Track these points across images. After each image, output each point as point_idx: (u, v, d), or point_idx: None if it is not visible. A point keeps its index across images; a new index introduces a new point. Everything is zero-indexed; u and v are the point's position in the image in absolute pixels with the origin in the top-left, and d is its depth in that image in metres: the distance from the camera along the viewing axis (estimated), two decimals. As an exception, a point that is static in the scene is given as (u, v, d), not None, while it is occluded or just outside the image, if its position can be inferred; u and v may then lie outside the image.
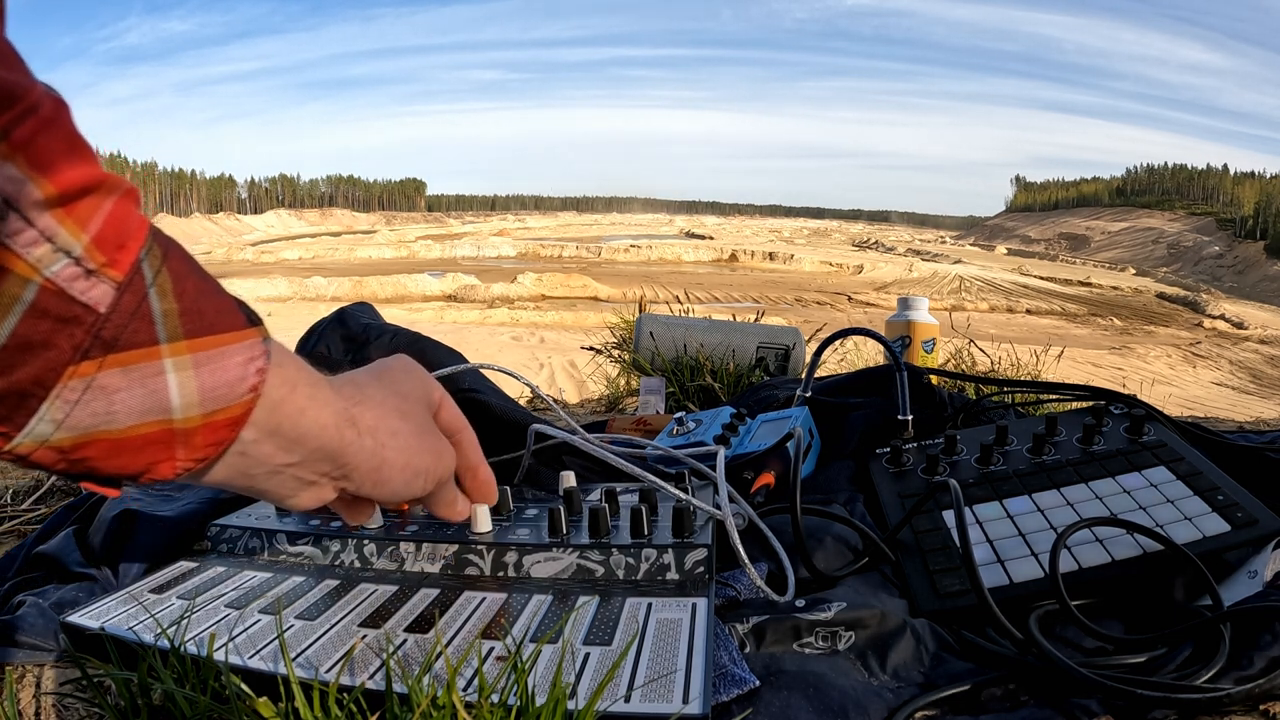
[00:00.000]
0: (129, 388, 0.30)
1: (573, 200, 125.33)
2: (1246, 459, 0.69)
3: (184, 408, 0.31)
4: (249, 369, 0.33)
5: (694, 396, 1.36)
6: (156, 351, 0.30)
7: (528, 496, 0.68)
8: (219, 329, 0.32)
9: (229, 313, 0.33)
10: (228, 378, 0.32)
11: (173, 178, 73.10)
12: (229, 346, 0.32)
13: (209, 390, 0.31)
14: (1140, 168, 78.50)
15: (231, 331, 0.32)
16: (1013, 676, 0.45)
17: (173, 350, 0.30)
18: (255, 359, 0.33)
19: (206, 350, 0.31)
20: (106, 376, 0.29)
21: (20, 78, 0.26)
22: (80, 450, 0.30)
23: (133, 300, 0.29)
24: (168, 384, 0.30)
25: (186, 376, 0.31)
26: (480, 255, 35.71)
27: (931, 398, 0.88)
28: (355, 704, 0.38)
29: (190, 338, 0.31)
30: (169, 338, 0.30)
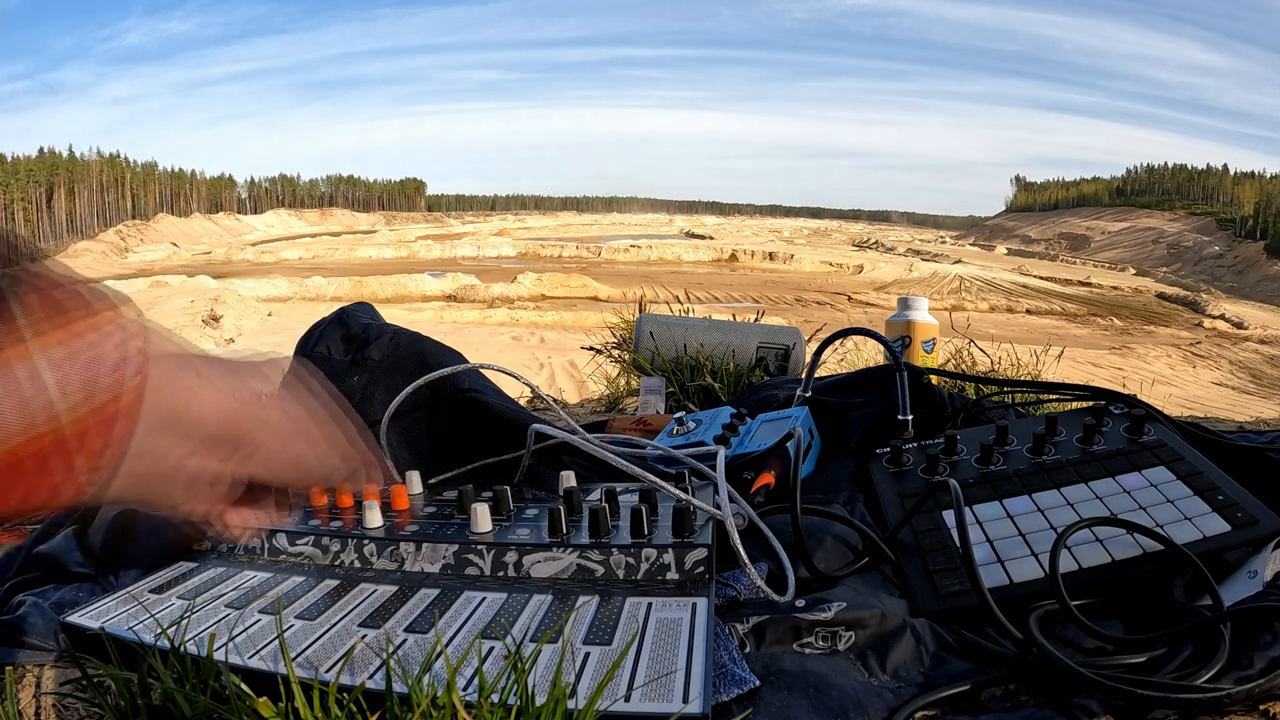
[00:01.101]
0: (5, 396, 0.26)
1: (573, 200, 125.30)
2: (1246, 459, 0.69)
3: (69, 406, 0.27)
4: (128, 348, 0.29)
5: (694, 396, 1.36)
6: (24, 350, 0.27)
7: (528, 496, 0.68)
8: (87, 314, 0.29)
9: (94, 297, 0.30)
10: (109, 363, 0.29)
11: (173, 178, 73.08)
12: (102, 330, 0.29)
13: (91, 380, 0.28)
14: (1140, 168, 78.51)
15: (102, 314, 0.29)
16: (1013, 676, 0.45)
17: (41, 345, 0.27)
18: (133, 338, 0.30)
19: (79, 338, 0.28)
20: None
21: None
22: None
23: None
24: (45, 384, 0.27)
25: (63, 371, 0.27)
26: (480, 255, 35.71)
27: (931, 398, 0.88)
28: (355, 704, 0.38)
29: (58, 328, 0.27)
30: (35, 332, 0.27)
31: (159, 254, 39.87)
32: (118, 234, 54.11)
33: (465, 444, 0.78)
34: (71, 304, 0.28)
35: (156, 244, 48.75)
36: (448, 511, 0.62)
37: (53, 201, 60.14)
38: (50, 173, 60.65)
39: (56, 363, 0.27)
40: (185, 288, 18.26)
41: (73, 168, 62.69)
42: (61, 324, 0.28)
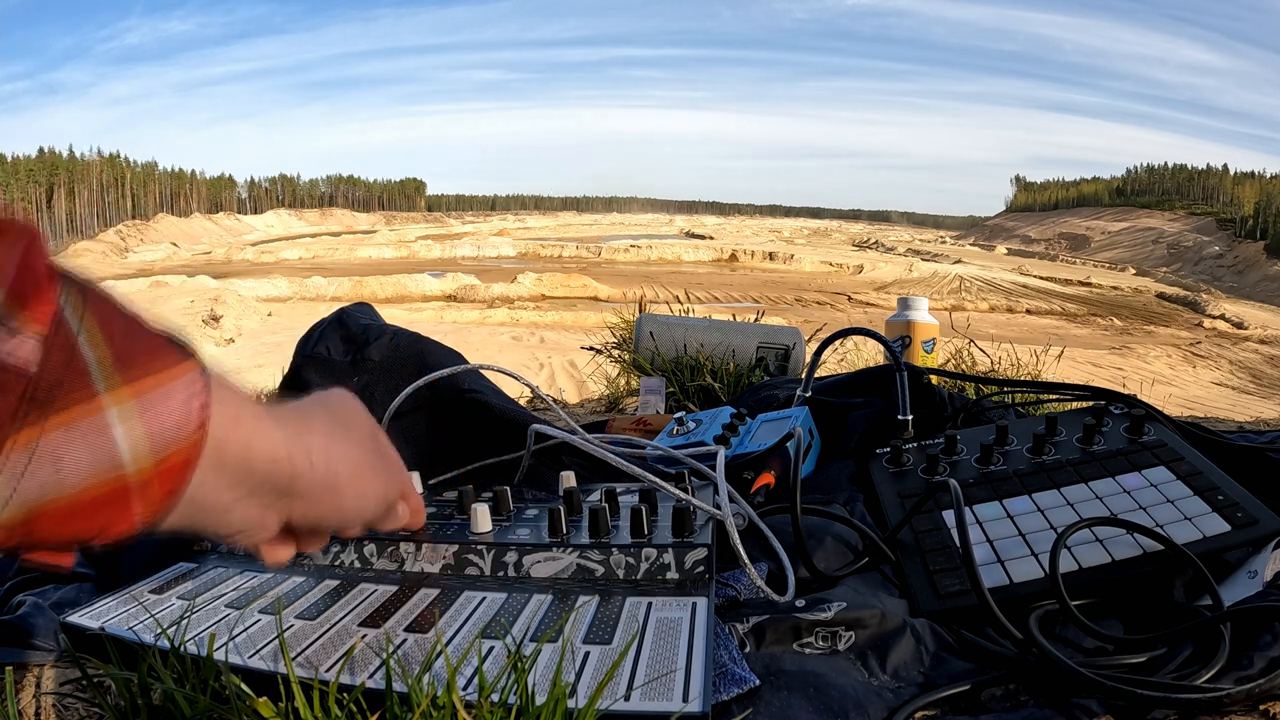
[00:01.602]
0: (74, 448, 0.27)
1: (573, 200, 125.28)
2: (1246, 459, 0.69)
3: (135, 459, 0.28)
4: (192, 405, 0.30)
5: (694, 396, 1.36)
6: (98, 404, 0.27)
7: (528, 496, 0.68)
8: (156, 368, 0.30)
9: (162, 349, 0.31)
10: (175, 419, 0.30)
11: (173, 178, 73.09)
12: (169, 385, 0.30)
13: (158, 435, 0.29)
14: (1140, 168, 78.50)
15: (169, 369, 0.30)
16: (1013, 676, 0.45)
17: (115, 399, 0.28)
18: (197, 394, 0.31)
19: (148, 393, 0.29)
20: (50, 440, 0.27)
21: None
22: (30, 525, 0.28)
23: (63, 352, 0.27)
24: (114, 436, 0.28)
25: (133, 424, 0.28)
26: (480, 255, 35.72)
27: (931, 398, 0.88)
28: (355, 704, 0.38)
29: (129, 382, 0.28)
30: (108, 386, 0.28)
31: (159, 254, 39.88)
32: (118, 234, 54.12)
33: (465, 444, 0.78)
34: (141, 354, 0.29)
35: (156, 244, 48.77)
36: (448, 511, 0.62)
37: (53, 201, 60.16)
38: (50, 173, 60.67)
39: (127, 418, 0.28)
40: (185, 288, 18.27)
41: (73, 168, 62.70)
42: (133, 377, 0.29)
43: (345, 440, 0.42)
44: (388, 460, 0.46)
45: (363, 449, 0.43)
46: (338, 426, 0.42)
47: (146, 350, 0.30)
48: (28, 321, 0.26)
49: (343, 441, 0.41)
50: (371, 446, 0.44)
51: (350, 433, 0.43)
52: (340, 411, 0.44)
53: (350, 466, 0.41)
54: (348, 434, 0.42)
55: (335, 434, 0.41)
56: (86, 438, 0.27)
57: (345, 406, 0.45)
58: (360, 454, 0.42)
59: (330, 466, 0.39)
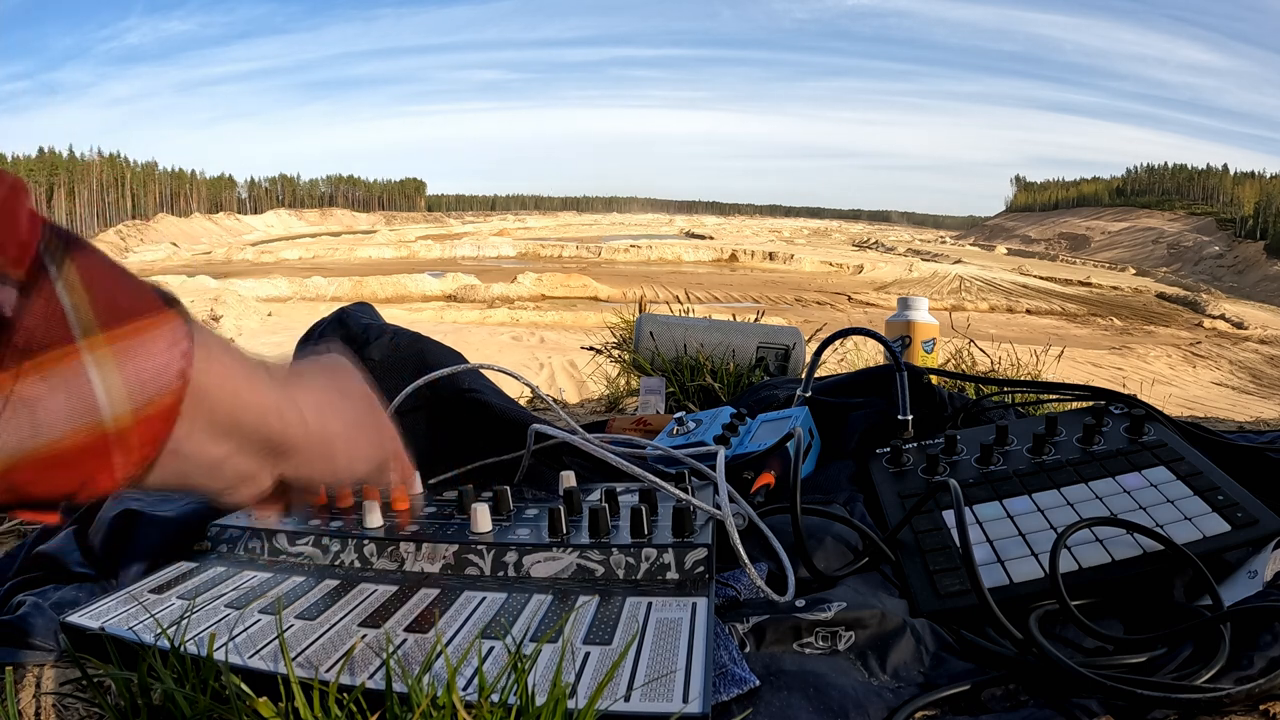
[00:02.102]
0: (52, 395, 0.27)
1: (573, 200, 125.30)
2: (1246, 459, 0.69)
3: (113, 407, 0.28)
4: (173, 353, 0.30)
5: (694, 396, 1.36)
6: (74, 350, 0.27)
7: (528, 496, 0.68)
8: (136, 317, 0.29)
9: (145, 297, 0.30)
10: (154, 366, 0.29)
11: (173, 178, 73.07)
12: (150, 333, 0.29)
13: (136, 383, 0.29)
14: (1140, 168, 78.49)
15: (151, 317, 0.30)
16: (1013, 676, 0.45)
17: (90, 345, 0.27)
18: (178, 342, 0.30)
19: (127, 340, 0.28)
20: (26, 386, 0.26)
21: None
22: (10, 476, 0.27)
23: (41, 298, 0.27)
24: (92, 383, 0.27)
25: (109, 372, 0.28)
26: (480, 255, 35.73)
27: (931, 398, 0.88)
28: (355, 704, 0.38)
29: (107, 329, 0.28)
30: (85, 333, 0.27)
31: (159, 254, 39.88)
32: (118, 234, 54.11)
33: (465, 444, 0.78)
34: (122, 303, 0.29)
35: (156, 244, 48.77)
36: (448, 511, 0.62)
37: (53, 201, 60.14)
38: (50, 173, 60.65)
39: (103, 364, 0.28)
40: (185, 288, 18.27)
41: (73, 168, 62.69)
42: (111, 324, 0.28)
43: (339, 398, 0.41)
44: (380, 420, 0.45)
45: (356, 407, 0.43)
46: (331, 384, 0.42)
47: (128, 299, 0.29)
48: (5, 266, 0.26)
49: (336, 399, 0.41)
50: (365, 406, 0.44)
51: (344, 391, 0.43)
52: (335, 371, 0.43)
53: (343, 424, 0.41)
54: (341, 392, 0.42)
55: (328, 391, 0.41)
56: (64, 386, 0.27)
57: (340, 367, 0.44)
58: (353, 412, 0.42)
59: (322, 423, 0.39)
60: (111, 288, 0.29)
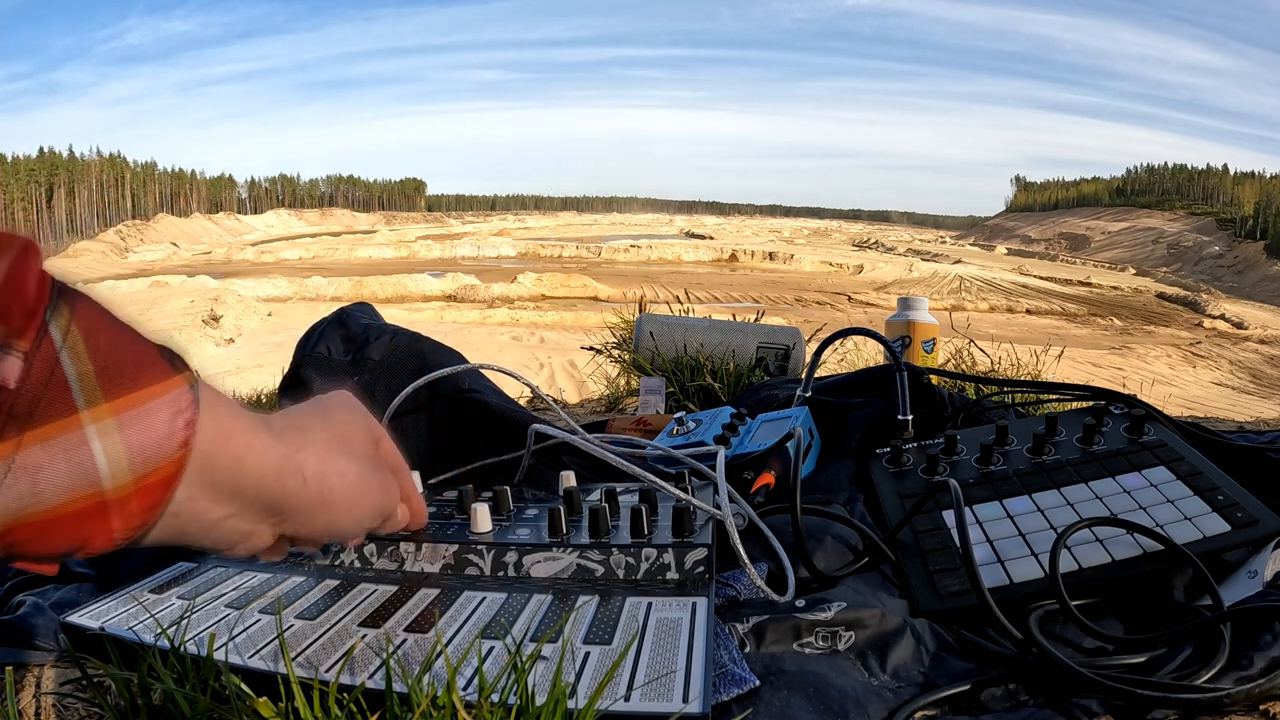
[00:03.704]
0: (52, 463, 0.27)
1: (573, 200, 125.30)
2: (1246, 459, 0.69)
3: (114, 475, 0.28)
4: (176, 423, 0.30)
5: (694, 396, 1.36)
6: (77, 420, 0.27)
7: (528, 496, 0.68)
8: (140, 383, 0.29)
9: (149, 363, 0.30)
10: (156, 435, 0.29)
11: (173, 178, 73.05)
12: (153, 402, 0.30)
13: (137, 452, 0.29)
14: (1140, 168, 78.49)
15: (155, 384, 0.30)
16: (1013, 676, 0.45)
17: (94, 415, 0.28)
18: (182, 411, 0.31)
19: (130, 410, 0.29)
20: (27, 455, 0.27)
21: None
22: (8, 535, 0.28)
23: (44, 368, 0.27)
24: (93, 453, 0.28)
25: (112, 441, 0.28)
26: (480, 255, 35.73)
27: (931, 398, 0.88)
28: (355, 704, 0.38)
29: (111, 399, 0.28)
30: (88, 402, 0.28)
31: (159, 254, 39.87)
32: (118, 234, 54.11)
33: (465, 444, 0.78)
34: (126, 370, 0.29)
35: (156, 244, 48.76)
36: (448, 511, 0.62)
37: (53, 201, 60.14)
38: (50, 173, 60.65)
39: (106, 435, 0.28)
40: (185, 288, 18.27)
41: (73, 168, 62.68)
42: (114, 393, 0.29)
43: (342, 455, 0.41)
44: (384, 473, 0.45)
45: (360, 463, 0.42)
46: (335, 438, 0.41)
47: (133, 364, 0.30)
48: (10, 337, 0.26)
49: (339, 456, 0.41)
50: (369, 459, 0.44)
51: (348, 444, 0.42)
52: (339, 421, 0.43)
53: (345, 483, 0.40)
54: (345, 446, 0.42)
55: (331, 447, 0.40)
56: (64, 453, 0.27)
57: (345, 415, 0.44)
58: (357, 469, 0.42)
59: (324, 483, 0.39)
60: (116, 353, 0.29)
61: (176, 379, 0.31)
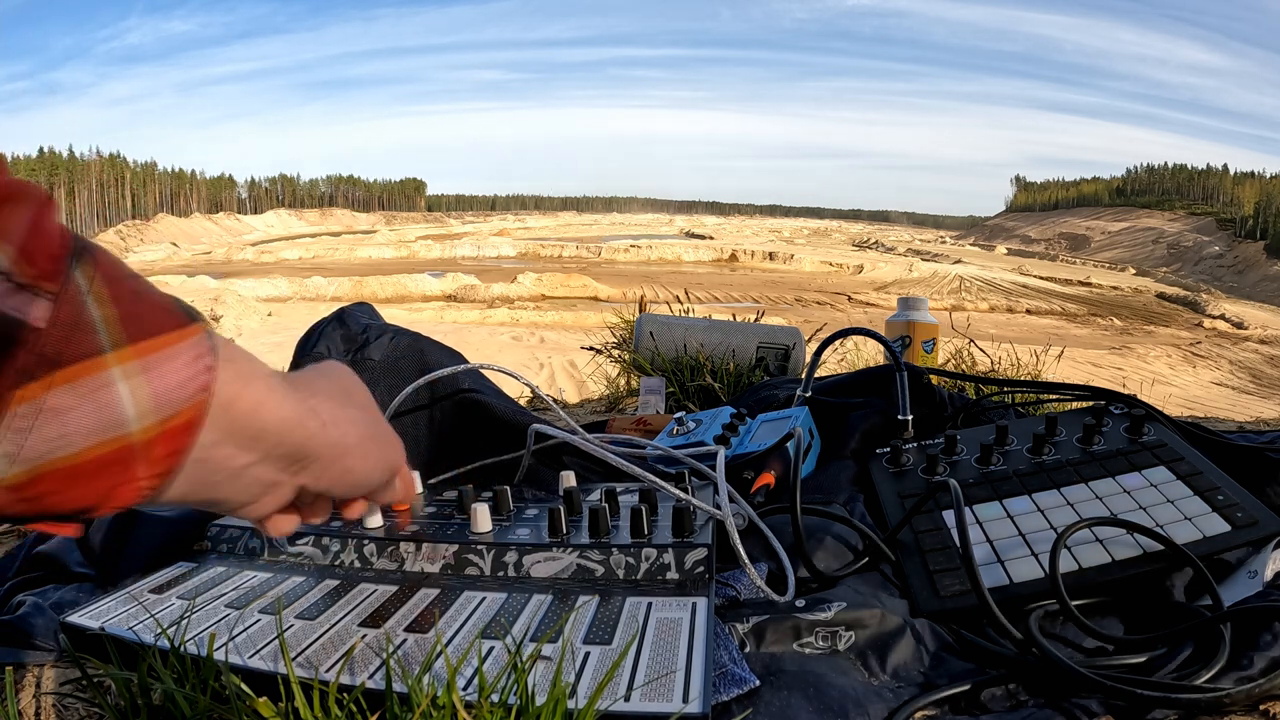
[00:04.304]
0: (80, 405, 0.27)
1: (573, 200, 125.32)
2: (1246, 459, 0.69)
3: (139, 417, 0.29)
4: (197, 366, 0.31)
5: (694, 396, 1.36)
6: (102, 362, 0.28)
7: (528, 496, 0.68)
8: (161, 330, 0.30)
9: (169, 312, 0.31)
10: (178, 379, 0.30)
11: (173, 178, 73.06)
12: (174, 347, 0.30)
13: (161, 395, 0.29)
14: (1140, 168, 78.51)
15: (174, 330, 0.30)
16: (1013, 676, 0.45)
17: (119, 358, 0.28)
18: (202, 356, 0.31)
19: (153, 354, 0.29)
20: (55, 396, 0.27)
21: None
22: (35, 486, 0.28)
23: (71, 310, 0.27)
24: (118, 395, 0.28)
25: (137, 384, 0.29)
26: (480, 255, 35.73)
27: (931, 398, 0.88)
28: (355, 704, 0.38)
29: (134, 342, 0.29)
30: (113, 345, 0.28)
31: (159, 254, 39.86)
32: (118, 234, 54.11)
33: (465, 444, 0.78)
34: (148, 316, 0.30)
35: (156, 244, 48.75)
36: (448, 511, 0.62)
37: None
38: (50, 173, 60.64)
39: (130, 377, 0.28)
40: (185, 288, 18.26)
41: (73, 168, 62.68)
42: (137, 337, 0.29)
43: (350, 407, 0.42)
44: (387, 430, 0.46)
45: (366, 416, 0.43)
46: (340, 393, 0.42)
47: (153, 312, 0.30)
48: (38, 279, 0.27)
49: (348, 408, 0.42)
50: (373, 415, 0.45)
51: (352, 400, 0.43)
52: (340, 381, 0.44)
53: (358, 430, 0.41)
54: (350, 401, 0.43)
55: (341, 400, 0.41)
56: (92, 395, 0.28)
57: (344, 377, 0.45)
58: (365, 420, 0.43)
59: (340, 430, 0.40)
60: (137, 301, 0.30)
61: (194, 327, 0.31)
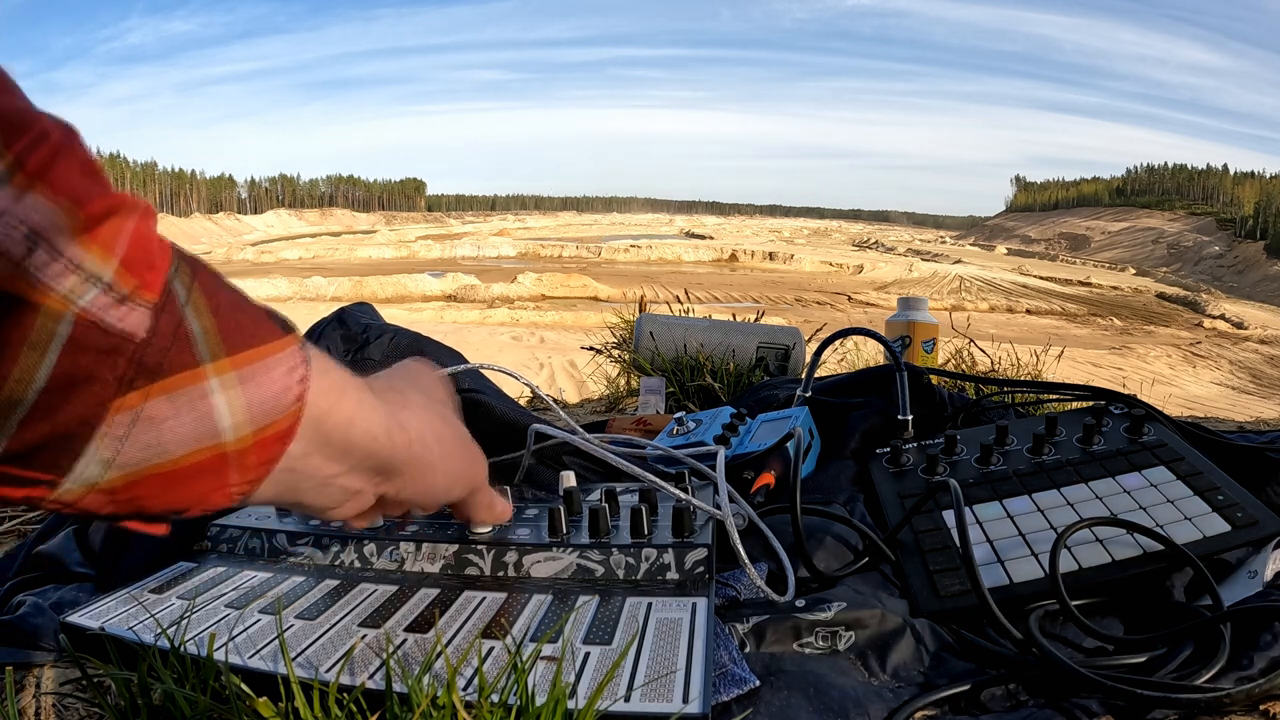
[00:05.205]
0: (177, 415, 0.28)
1: (573, 200, 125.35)
2: (1246, 459, 0.69)
3: (235, 428, 0.30)
4: (292, 378, 0.32)
5: (694, 396, 1.36)
6: (201, 373, 0.29)
7: (528, 496, 0.68)
8: (258, 341, 0.31)
9: (264, 323, 0.32)
10: (274, 390, 0.31)
11: (173, 178, 73.10)
12: (270, 358, 0.31)
13: (257, 406, 0.30)
14: (1140, 168, 78.52)
15: (270, 342, 0.31)
16: (1013, 676, 0.45)
17: (216, 369, 0.29)
18: (296, 368, 0.32)
19: (249, 365, 0.30)
20: (154, 406, 0.28)
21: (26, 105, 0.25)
22: (131, 489, 0.28)
23: (170, 322, 0.28)
24: (214, 405, 0.29)
25: (234, 395, 0.30)
26: (480, 255, 35.72)
27: (931, 398, 0.88)
28: (355, 704, 0.38)
29: (231, 354, 0.30)
30: (211, 356, 0.29)
31: (159, 254, 39.72)
32: (118, 234, 54.01)
33: (465, 444, 0.78)
34: (245, 328, 0.31)
35: (156, 244, 48.64)
36: (448, 511, 0.62)
37: (53, 201, 60.02)
38: (50, 173, 60.54)
39: (228, 388, 0.29)
40: (185, 288, 18.15)
41: (73, 168, 62.59)
42: (234, 349, 0.30)
43: (438, 418, 0.42)
44: (472, 444, 0.46)
45: (455, 428, 0.44)
46: (431, 403, 0.43)
47: (250, 324, 0.31)
48: (139, 290, 0.27)
49: (436, 420, 0.42)
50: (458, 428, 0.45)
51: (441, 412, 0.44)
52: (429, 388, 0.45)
53: (444, 446, 0.42)
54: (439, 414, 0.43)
55: (429, 411, 0.42)
56: (189, 405, 0.28)
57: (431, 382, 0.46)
58: (453, 433, 0.43)
59: (425, 444, 0.40)
60: (234, 313, 0.30)
61: (289, 338, 0.32)
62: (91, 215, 0.26)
